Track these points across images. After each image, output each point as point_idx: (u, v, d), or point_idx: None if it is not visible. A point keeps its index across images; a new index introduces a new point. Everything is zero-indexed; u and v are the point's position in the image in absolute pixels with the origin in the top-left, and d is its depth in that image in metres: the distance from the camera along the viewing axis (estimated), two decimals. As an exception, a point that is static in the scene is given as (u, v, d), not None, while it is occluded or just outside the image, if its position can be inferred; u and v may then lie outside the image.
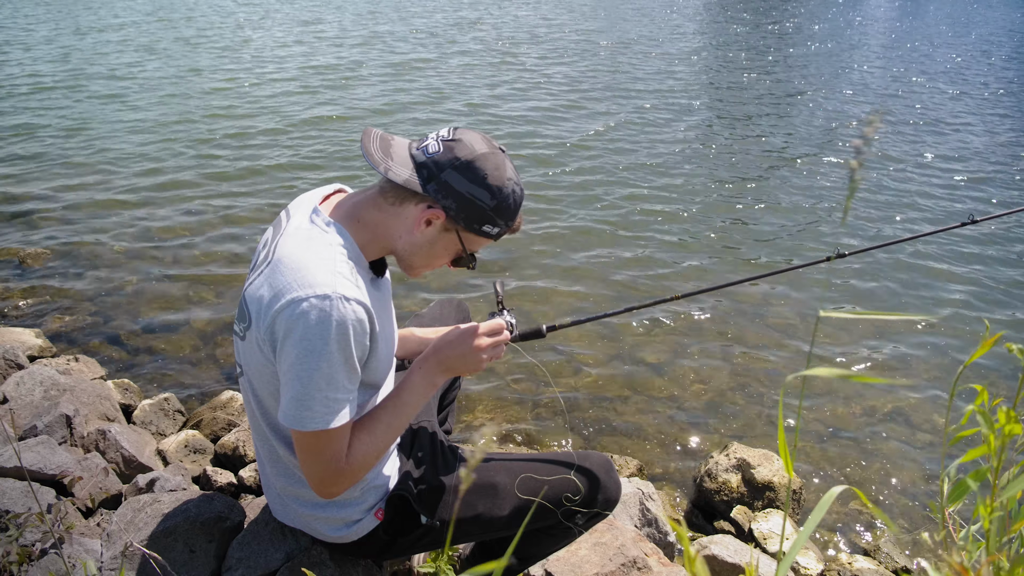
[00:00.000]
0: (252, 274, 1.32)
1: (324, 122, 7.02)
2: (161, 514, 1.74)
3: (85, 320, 3.59)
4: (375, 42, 11.58)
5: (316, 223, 1.30)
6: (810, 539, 2.58)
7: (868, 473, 2.89)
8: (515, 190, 1.34)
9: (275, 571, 1.65)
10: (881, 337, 3.80)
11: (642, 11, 16.86)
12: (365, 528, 1.50)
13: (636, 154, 6.46)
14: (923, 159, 6.74)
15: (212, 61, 9.77)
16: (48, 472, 2.11)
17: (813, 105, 8.58)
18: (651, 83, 9.27)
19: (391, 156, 1.31)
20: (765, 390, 3.31)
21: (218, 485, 2.39)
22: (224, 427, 2.73)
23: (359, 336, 1.22)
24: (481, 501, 1.54)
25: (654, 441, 2.98)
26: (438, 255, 1.38)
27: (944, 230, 2.23)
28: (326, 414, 1.21)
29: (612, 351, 3.54)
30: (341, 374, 1.21)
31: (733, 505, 2.64)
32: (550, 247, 4.58)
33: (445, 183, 1.28)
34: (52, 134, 6.49)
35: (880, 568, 2.46)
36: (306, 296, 1.18)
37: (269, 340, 1.23)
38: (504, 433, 2.97)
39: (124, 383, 2.95)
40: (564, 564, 1.90)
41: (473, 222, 1.32)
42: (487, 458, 1.62)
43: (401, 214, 1.32)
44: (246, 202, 5.09)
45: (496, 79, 9.17)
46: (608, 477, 1.60)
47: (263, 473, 1.53)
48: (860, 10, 20.07)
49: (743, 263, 4.54)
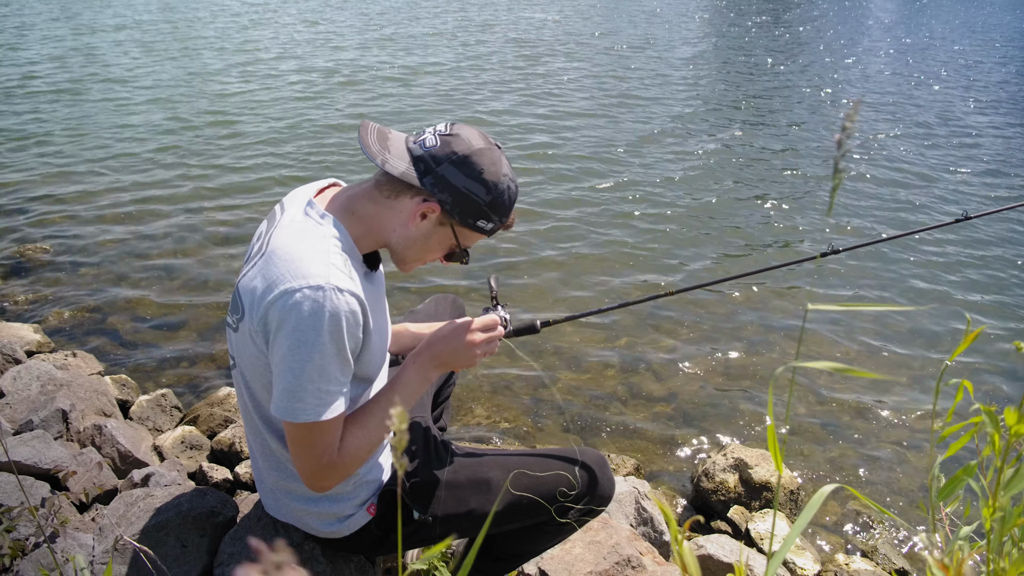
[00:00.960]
0: (246, 266, 1.32)
1: (327, 124, 7.02)
2: (153, 508, 1.74)
3: (83, 316, 3.59)
4: (378, 45, 11.59)
5: (310, 215, 1.30)
6: (807, 539, 2.57)
7: (865, 473, 2.88)
8: (510, 186, 1.35)
9: (267, 566, 1.64)
10: (875, 334, 3.79)
11: (645, 14, 16.88)
12: (357, 523, 1.49)
13: (630, 153, 6.44)
14: (917, 156, 6.72)
15: (215, 62, 9.78)
16: (42, 466, 2.11)
17: (809, 105, 8.56)
18: (648, 84, 9.26)
19: (388, 149, 1.31)
20: (762, 389, 3.30)
21: (214, 481, 2.38)
22: (221, 423, 2.72)
23: (352, 328, 1.22)
24: (474, 496, 1.53)
25: (651, 440, 2.97)
26: (432, 249, 1.39)
27: (938, 227, 2.24)
28: (318, 406, 1.21)
29: (608, 349, 3.53)
30: (333, 366, 1.21)
31: (730, 505, 2.63)
32: (544, 244, 4.58)
33: (441, 177, 1.29)
34: (52, 130, 6.50)
35: (877, 569, 2.45)
36: (299, 287, 1.17)
37: (262, 331, 1.23)
38: (499, 430, 2.97)
39: (121, 379, 2.95)
40: (558, 562, 1.89)
41: (468, 217, 1.33)
42: (480, 453, 1.62)
43: (396, 207, 1.32)
44: (246, 200, 5.09)
45: (498, 79, 9.17)
46: (602, 473, 1.60)
47: (255, 467, 1.53)
48: (865, 11, 20.08)
49: (737, 259, 4.54)
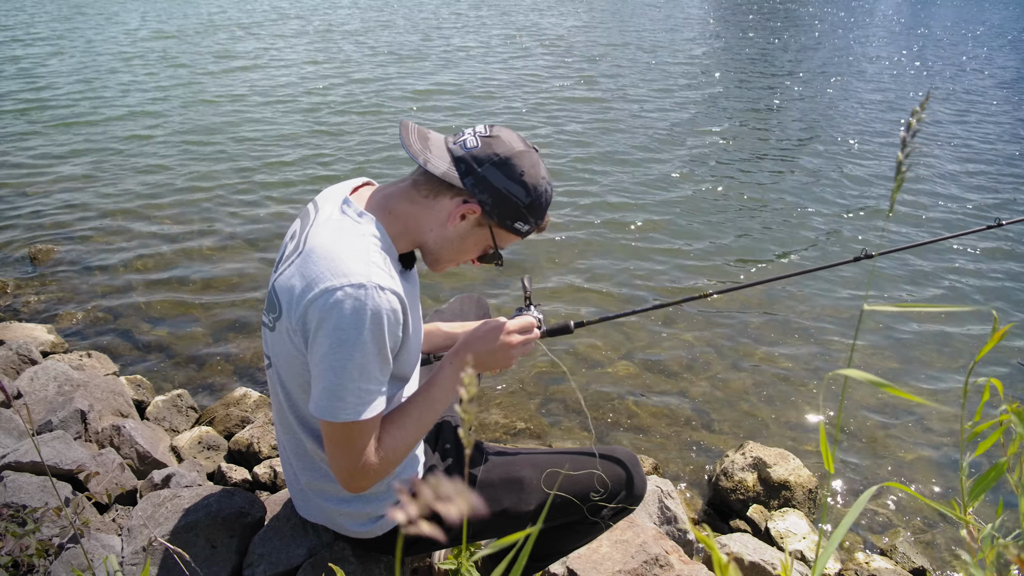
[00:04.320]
0: (281, 265, 1.31)
1: (339, 127, 6.99)
2: (182, 509, 1.73)
3: (97, 316, 3.57)
4: (383, 47, 11.57)
5: (348, 214, 1.29)
6: (827, 538, 2.56)
7: (884, 473, 2.87)
8: (547, 189, 1.37)
9: (297, 567, 1.63)
10: (902, 335, 3.78)
11: (652, 18, 16.87)
12: (389, 524, 1.48)
13: (663, 153, 6.43)
14: (950, 160, 6.68)
15: (227, 61, 9.77)
16: (64, 467, 2.10)
17: (842, 105, 8.52)
18: (679, 83, 9.26)
19: (429, 148, 1.32)
20: (781, 389, 3.29)
21: (233, 482, 2.37)
22: (238, 423, 2.71)
23: (393, 327, 1.21)
24: (507, 496, 1.52)
25: (670, 439, 2.97)
26: (467, 250, 1.38)
27: (970, 232, 2.24)
28: (358, 405, 1.20)
29: (628, 348, 3.52)
30: (374, 365, 1.20)
31: (749, 504, 2.63)
32: (575, 245, 4.56)
33: (483, 178, 1.29)
34: (64, 131, 6.49)
35: (897, 568, 2.44)
36: (340, 285, 1.16)
37: (301, 330, 1.22)
38: (522, 430, 2.96)
39: (137, 379, 2.94)
40: (586, 561, 1.88)
41: (506, 218, 1.33)
42: (512, 452, 1.61)
43: (434, 207, 1.32)
44: (260, 200, 5.07)
45: (520, 80, 9.17)
46: (635, 471, 1.59)
47: (287, 468, 1.52)
48: (878, 10, 20.06)
49: (766, 262, 4.51)
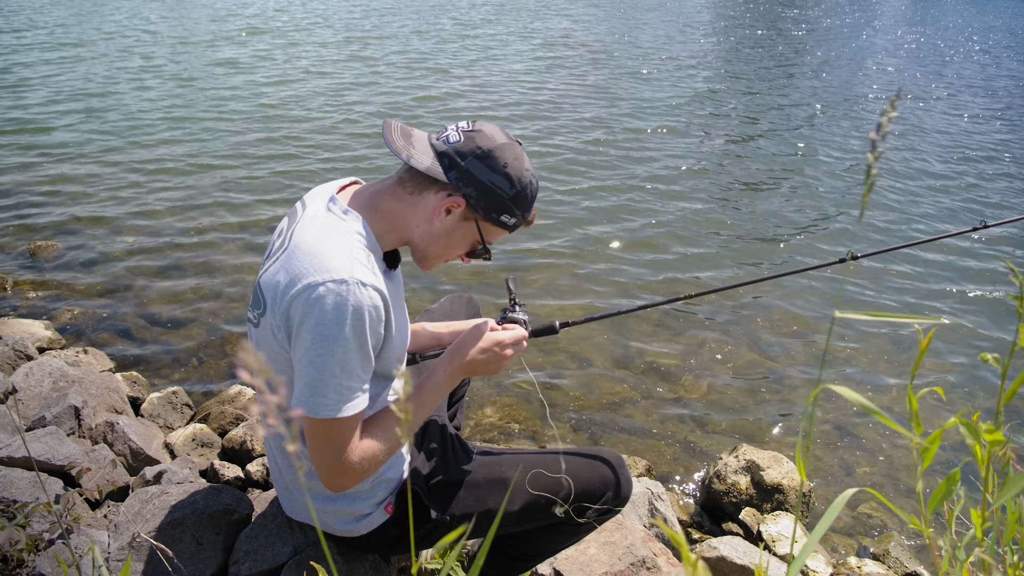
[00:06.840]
0: (267, 261, 1.32)
1: (338, 126, 7.02)
2: (169, 506, 1.73)
3: (94, 312, 3.59)
4: (389, 48, 11.59)
5: (333, 211, 1.30)
6: (819, 542, 2.55)
7: (876, 477, 2.87)
8: (532, 181, 1.37)
9: (282, 565, 1.64)
10: (892, 340, 3.77)
11: (651, 20, 16.88)
12: (374, 522, 1.49)
13: (648, 153, 6.44)
14: (935, 161, 6.70)
15: (232, 56, 9.80)
16: (56, 463, 2.11)
17: (828, 107, 8.54)
18: (663, 86, 9.26)
19: (412, 145, 1.33)
20: (774, 392, 3.29)
21: (225, 479, 2.38)
22: (232, 421, 2.72)
23: (374, 324, 1.22)
24: (492, 496, 1.53)
25: (662, 441, 2.96)
26: (455, 245, 1.38)
27: (956, 234, 2.23)
28: (339, 401, 1.20)
29: (621, 350, 3.52)
30: (355, 362, 1.21)
31: (742, 507, 2.62)
32: (561, 245, 4.57)
33: (466, 171, 1.30)
34: (64, 126, 6.51)
35: (888, 572, 2.43)
36: (323, 281, 1.17)
37: (284, 326, 1.22)
38: (511, 431, 2.96)
39: (132, 376, 2.95)
40: (573, 563, 1.88)
41: (492, 211, 1.33)
42: (498, 452, 1.61)
43: (420, 203, 1.32)
44: (260, 199, 5.09)
45: (513, 80, 9.18)
46: (621, 473, 1.59)
47: (273, 466, 1.53)
48: (875, 12, 20.05)
49: (754, 264, 4.52)
